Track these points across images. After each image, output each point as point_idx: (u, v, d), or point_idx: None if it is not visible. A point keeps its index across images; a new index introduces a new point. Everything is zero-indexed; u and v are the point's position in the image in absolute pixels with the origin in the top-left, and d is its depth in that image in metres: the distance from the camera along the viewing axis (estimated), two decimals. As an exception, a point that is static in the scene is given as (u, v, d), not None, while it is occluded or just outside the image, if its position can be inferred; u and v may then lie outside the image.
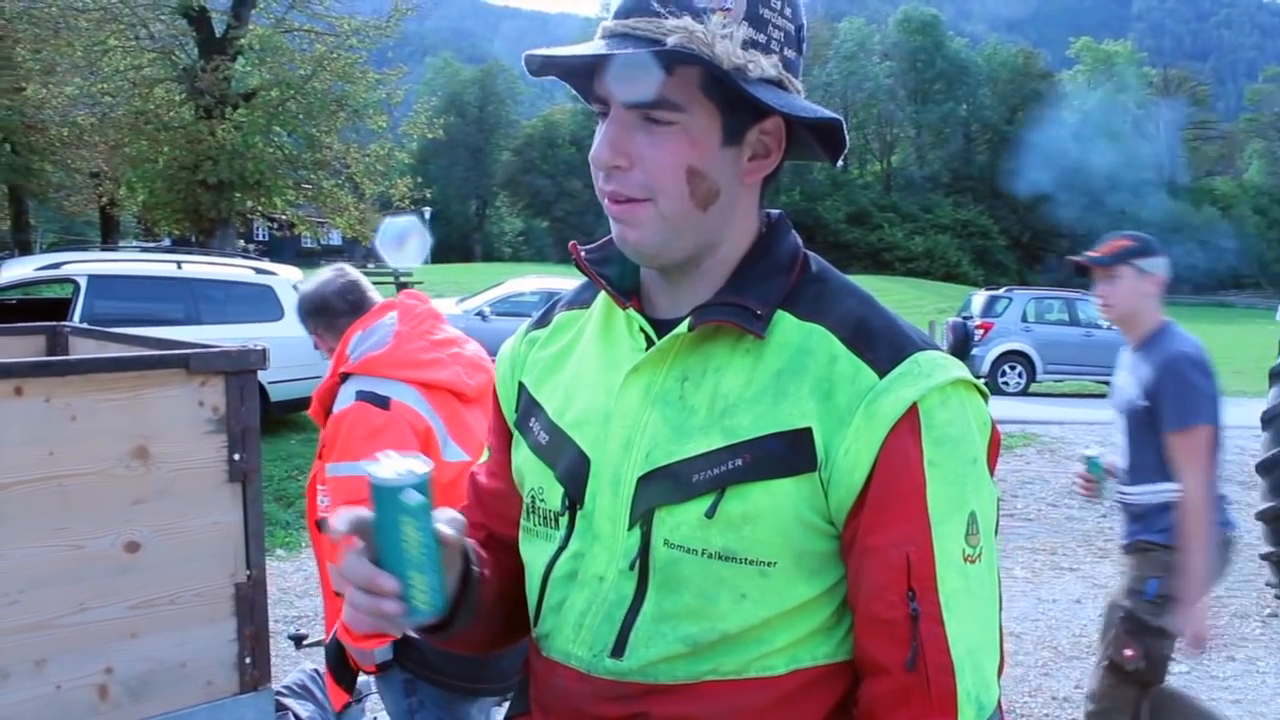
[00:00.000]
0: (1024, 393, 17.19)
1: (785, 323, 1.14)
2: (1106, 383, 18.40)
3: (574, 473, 1.20)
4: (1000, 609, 1.14)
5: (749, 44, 1.08)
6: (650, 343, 1.18)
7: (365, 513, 1.06)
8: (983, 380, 10.55)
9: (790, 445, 1.08)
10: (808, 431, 1.08)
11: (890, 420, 1.06)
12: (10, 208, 27.96)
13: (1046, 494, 9.33)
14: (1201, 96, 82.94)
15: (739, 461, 1.09)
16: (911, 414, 1.07)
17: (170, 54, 21.99)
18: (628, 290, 1.24)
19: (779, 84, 1.12)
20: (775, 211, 1.25)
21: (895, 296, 36.98)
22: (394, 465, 1.05)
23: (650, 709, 1.13)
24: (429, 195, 27.37)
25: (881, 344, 1.11)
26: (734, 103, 1.10)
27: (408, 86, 26.19)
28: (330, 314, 2.84)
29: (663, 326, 1.18)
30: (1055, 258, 68.11)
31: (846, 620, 1.14)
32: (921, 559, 1.06)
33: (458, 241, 71.17)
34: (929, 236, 65.32)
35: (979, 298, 18.92)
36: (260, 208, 23.16)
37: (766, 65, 1.09)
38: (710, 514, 1.09)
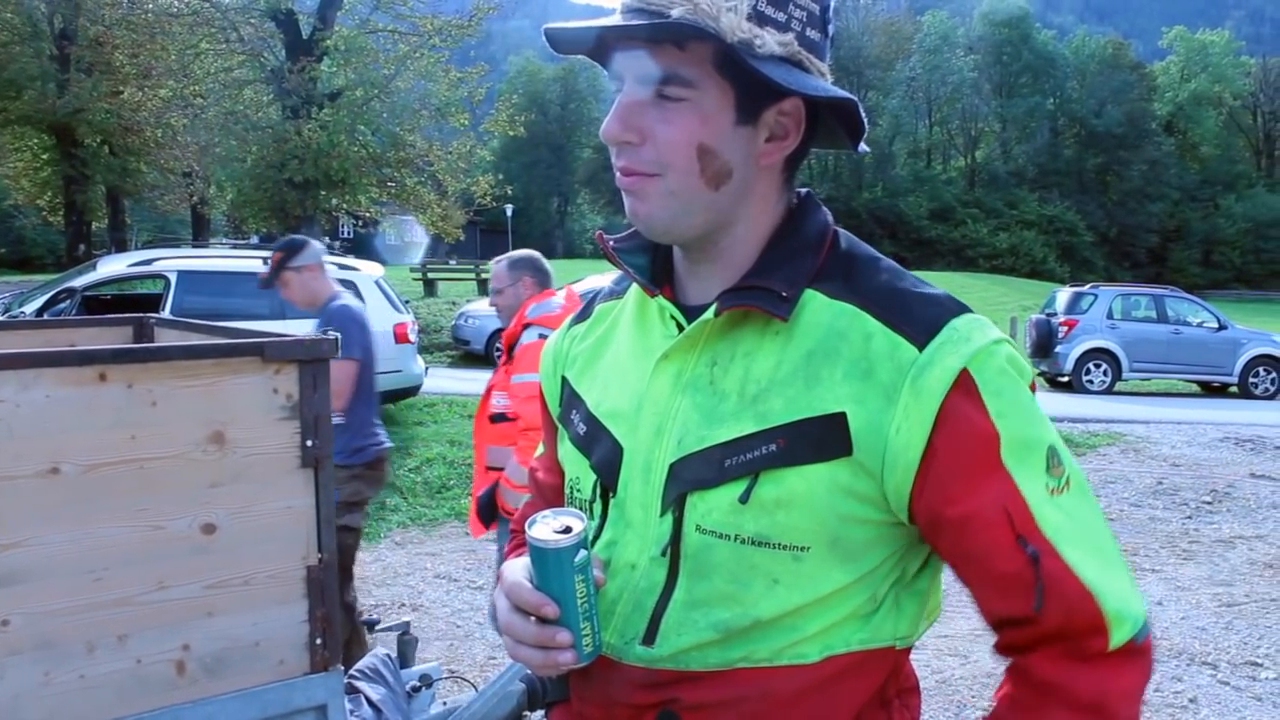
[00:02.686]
0: (1109, 391, 16.81)
1: (815, 302, 1.13)
2: (1196, 381, 18.02)
3: (607, 461, 1.21)
4: (1107, 526, 1.12)
5: (763, 20, 1.07)
6: (681, 329, 1.18)
7: (528, 577, 1.12)
8: (1066, 379, 10.44)
9: (824, 430, 1.07)
10: (841, 417, 1.07)
11: (941, 391, 1.05)
12: (108, 207, 28.90)
13: (1129, 494, 9.12)
14: (1302, 87, 79.93)
15: (773, 447, 1.08)
16: (963, 380, 1.05)
17: (259, 56, 22.52)
18: (659, 278, 1.24)
19: (796, 64, 1.10)
20: (804, 190, 1.23)
21: (979, 294, 36.33)
22: (553, 525, 1.10)
23: (681, 695, 1.13)
24: (510, 192, 27.61)
25: (916, 316, 1.09)
26: (749, 81, 1.08)
27: (490, 84, 26.43)
28: (545, 275, 4.37)
29: (693, 312, 1.18)
30: (1145, 253, 66.47)
31: (882, 607, 1.13)
32: (1018, 507, 1.05)
33: (539, 238, 71.61)
34: (1014, 232, 63.97)
35: (1063, 294, 18.50)
36: (345, 205, 23.60)
37: (773, 42, 1.07)
38: (744, 499, 1.09)
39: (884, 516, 1.10)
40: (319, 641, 2.32)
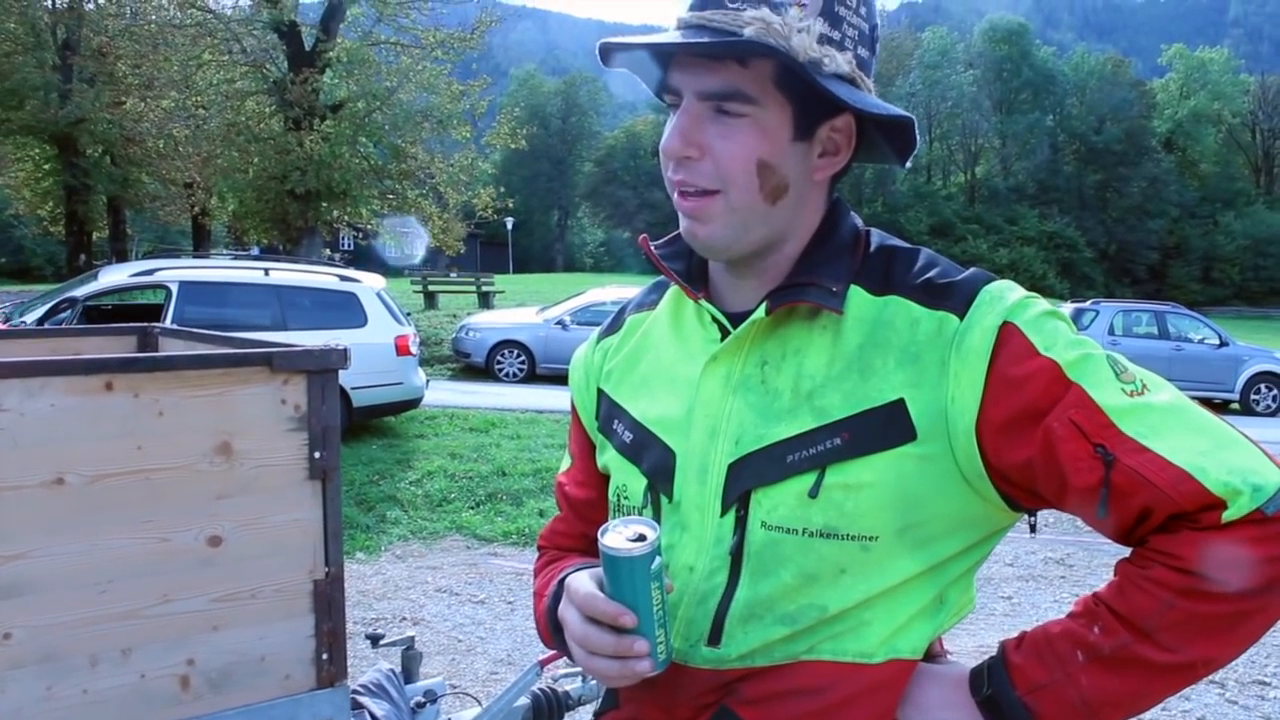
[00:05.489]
0: (1111, 408, 16.78)
1: (859, 298, 1.15)
2: (1197, 398, 17.91)
3: (659, 466, 1.21)
4: (1207, 412, 1.09)
5: (824, 39, 1.09)
6: (724, 332, 1.19)
7: (599, 587, 1.11)
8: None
9: (886, 419, 1.09)
10: (900, 403, 1.09)
11: (986, 350, 1.07)
12: (109, 217, 28.92)
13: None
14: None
15: (837, 440, 1.10)
16: (1005, 332, 1.08)
17: (261, 67, 22.56)
18: (695, 283, 1.25)
19: (851, 81, 1.13)
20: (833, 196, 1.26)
21: (978, 309, 36.41)
22: (625, 533, 1.08)
23: (741, 689, 1.14)
24: (511, 205, 27.64)
25: (954, 292, 1.12)
26: (806, 98, 1.11)
27: (491, 98, 26.50)
28: None
29: (733, 318, 1.20)
30: (1145, 269, 66.53)
31: (947, 607, 1.15)
32: (1089, 416, 1.04)
33: (540, 251, 71.82)
34: (1014, 249, 63.99)
35: (1065, 310, 18.49)
36: (346, 217, 23.60)
37: (841, 61, 1.10)
38: (814, 493, 1.10)
39: (961, 499, 1.11)
40: (325, 657, 2.28)
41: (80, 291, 9.86)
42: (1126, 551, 1.11)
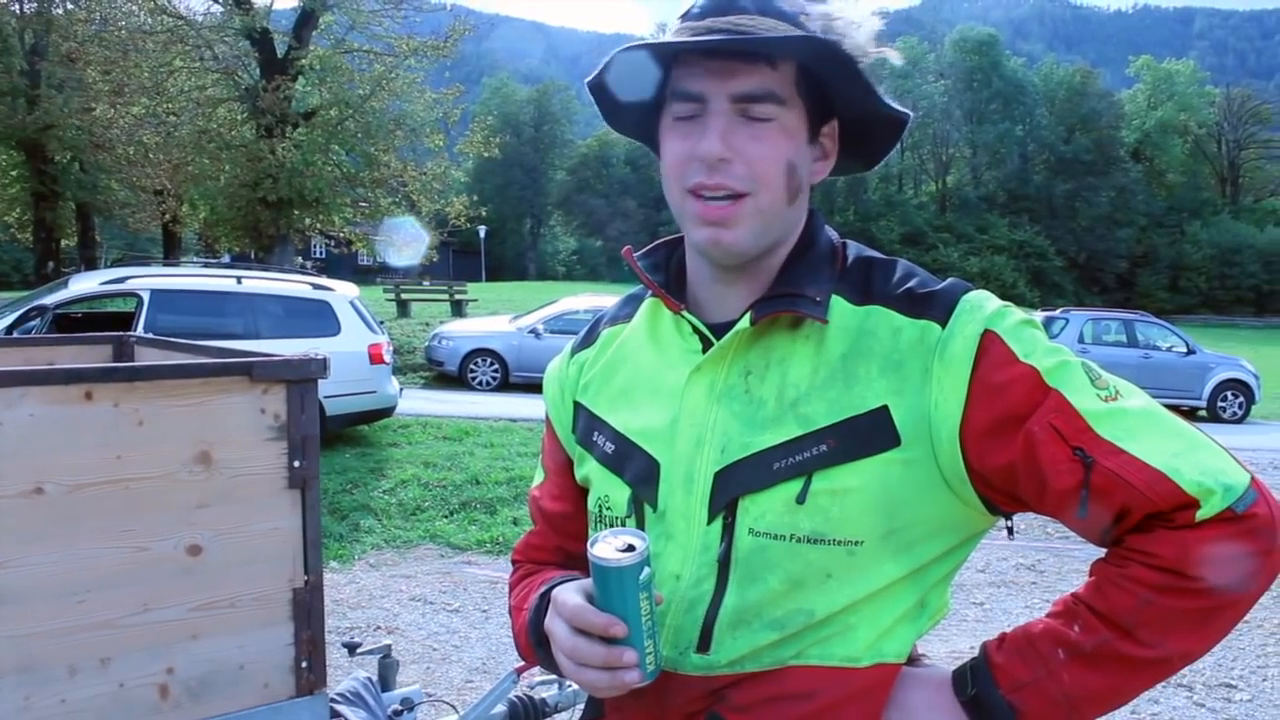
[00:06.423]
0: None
1: (841, 307, 1.17)
2: (1166, 404, 18.09)
3: (643, 476, 1.22)
4: (1176, 417, 1.12)
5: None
6: (706, 343, 1.20)
7: (587, 599, 1.11)
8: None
9: (870, 426, 1.10)
10: (884, 410, 1.10)
11: (969, 356, 1.09)
12: (78, 224, 28.58)
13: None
14: (1265, 115, 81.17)
15: (823, 447, 1.11)
16: (986, 340, 1.10)
17: (233, 74, 22.38)
18: (675, 295, 1.26)
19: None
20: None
21: (950, 317, 36.57)
22: (614, 544, 1.09)
23: (729, 695, 1.15)
24: (484, 213, 27.56)
25: (935, 301, 1.14)
26: (817, 99, 1.14)
27: (464, 106, 26.38)
28: None
29: (713, 329, 1.21)
30: (1114, 278, 67.17)
31: (927, 610, 1.17)
32: (1067, 420, 1.06)
33: (512, 260, 71.61)
34: (984, 257, 64.60)
35: (1035, 318, 18.70)
36: (318, 225, 23.47)
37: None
38: (801, 499, 1.11)
39: (943, 503, 1.13)
40: (304, 665, 2.29)
41: (50, 299, 9.76)
42: (1098, 557, 1.14)
